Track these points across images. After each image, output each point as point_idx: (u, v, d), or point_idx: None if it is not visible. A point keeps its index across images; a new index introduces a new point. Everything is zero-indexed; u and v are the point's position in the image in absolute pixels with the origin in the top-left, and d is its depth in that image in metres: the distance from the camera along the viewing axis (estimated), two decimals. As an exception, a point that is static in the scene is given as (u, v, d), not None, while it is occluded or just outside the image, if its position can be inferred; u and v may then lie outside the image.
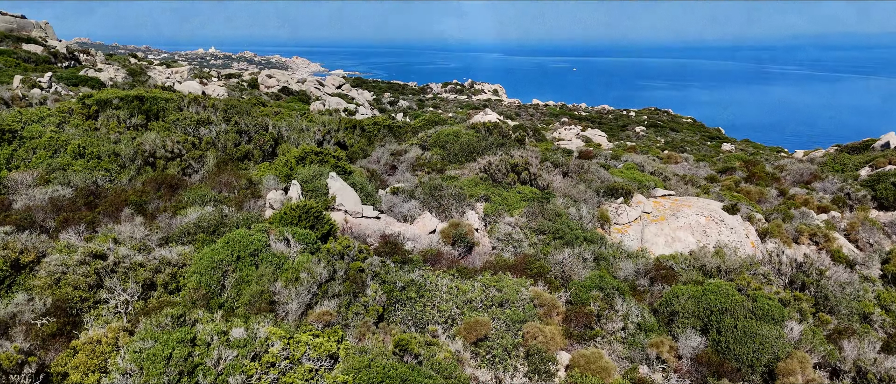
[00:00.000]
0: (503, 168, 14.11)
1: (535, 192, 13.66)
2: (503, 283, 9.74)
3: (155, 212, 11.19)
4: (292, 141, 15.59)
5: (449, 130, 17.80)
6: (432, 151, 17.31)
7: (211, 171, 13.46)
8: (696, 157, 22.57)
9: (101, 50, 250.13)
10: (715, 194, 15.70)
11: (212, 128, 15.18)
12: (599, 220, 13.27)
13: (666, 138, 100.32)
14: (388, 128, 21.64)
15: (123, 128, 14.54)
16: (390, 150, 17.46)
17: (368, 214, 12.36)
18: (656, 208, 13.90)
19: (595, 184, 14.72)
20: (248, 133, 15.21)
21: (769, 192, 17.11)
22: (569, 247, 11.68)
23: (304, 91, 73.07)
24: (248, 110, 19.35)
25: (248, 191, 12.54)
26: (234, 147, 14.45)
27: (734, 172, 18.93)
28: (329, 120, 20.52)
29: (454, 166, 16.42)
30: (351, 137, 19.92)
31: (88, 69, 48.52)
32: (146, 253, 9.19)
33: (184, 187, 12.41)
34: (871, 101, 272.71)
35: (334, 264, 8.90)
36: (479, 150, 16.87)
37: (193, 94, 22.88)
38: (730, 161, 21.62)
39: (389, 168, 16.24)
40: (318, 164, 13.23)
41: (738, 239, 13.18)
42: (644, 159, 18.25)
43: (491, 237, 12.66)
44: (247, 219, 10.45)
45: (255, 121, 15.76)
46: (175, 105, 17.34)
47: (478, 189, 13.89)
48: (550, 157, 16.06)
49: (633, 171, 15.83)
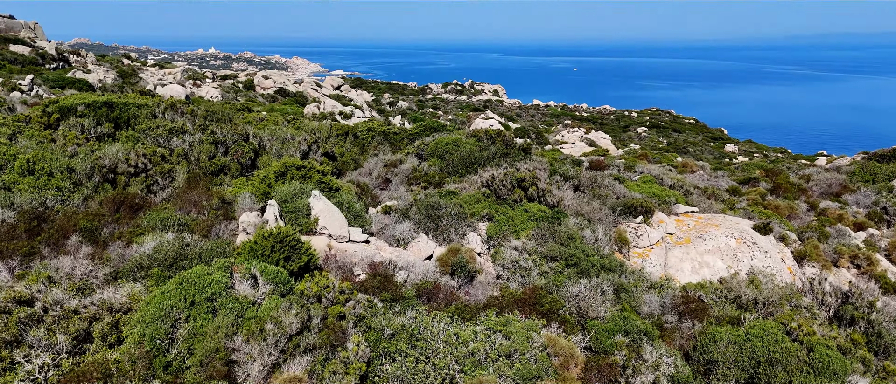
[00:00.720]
0: (508, 183, 12.62)
1: (545, 211, 12.17)
2: (511, 327, 8.26)
3: (108, 239, 9.71)
4: (274, 152, 14.11)
5: (448, 139, 16.32)
6: (430, 162, 15.82)
7: (180, 189, 11.97)
8: (712, 166, 21.09)
9: (101, 50, 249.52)
10: (742, 210, 14.21)
11: (186, 138, 13.69)
12: (617, 243, 11.78)
13: (668, 139, 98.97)
14: (382, 134, 20.16)
15: (84, 138, 13.05)
16: (384, 161, 15.98)
17: (356, 238, 10.88)
18: (680, 228, 12.41)
19: (610, 200, 13.23)
20: (225, 144, 13.72)
21: (799, 206, 15.62)
22: (585, 278, 10.20)
23: (302, 92, 71.62)
24: (229, 117, 17.87)
25: (220, 211, 11.06)
26: (208, 160, 12.96)
27: (757, 183, 17.46)
28: (319, 126, 19.04)
29: (453, 179, 14.94)
30: (342, 146, 18.44)
31: (77, 71, 47.04)
32: (85, 295, 7.70)
33: (147, 208, 10.93)
34: (870, 100, 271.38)
35: (309, 309, 7.42)
36: (481, 160, 15.39)
37: (175, 98, 21.39)
38: (750, 170, 20.15)
39: (382, 181, 14.76)
40: (300, 181, 11.74)
41: (773, 263, 11.69)
42: (660, 169, 16.76)
43: (495, 263, 11.18)
44: (211, 250, 8.96)
45: (233, 130, 14.27)
46: (148, 112, 15.85)
47: (480, 207, 12.40)
48: (560, 169, 14.57)
49: (651, 185, 14.34)
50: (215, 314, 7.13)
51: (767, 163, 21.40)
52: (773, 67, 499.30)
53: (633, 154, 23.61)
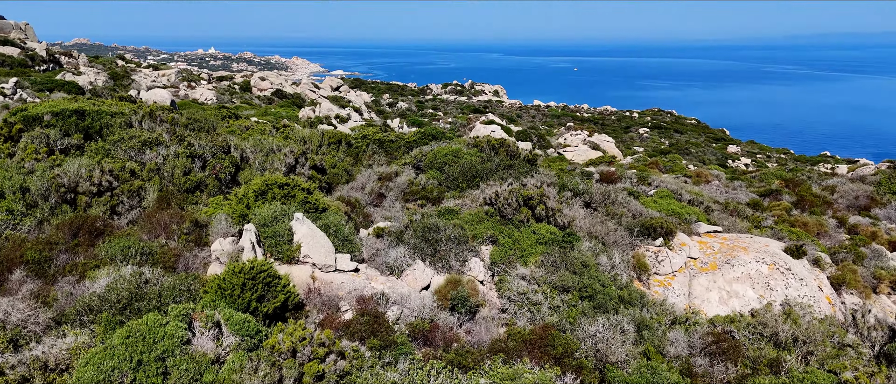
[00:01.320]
0: (514, 202, 11.41)
1: (555, 233, 10.97)
2: (521, 381, 7.06)
3: (59, 272, 8.50)
4: (258, 166, 12.90)
5: (447, 149, 15.12)
6: (428, 174, 14.62)
7: (150, 209, 10.76)
8: (728, 175, 19.89)
9: (100, 51, 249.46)
10: (769, 229, 13.00)
11: (160, 151, 12.48)
12: (635, 269, 10.58)
13: (670, 140, 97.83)
14: (378, 142, 18.96)
15: (46, 152, 11.84)
16: (379, 173, 14.77)
17: (344, 267, 9.67)
18: (704, 251, 11.21)
19: (626, 219, 12.02)
20: (202, 157, 12.51)
21: (827, 222, 14.42)
22: (602, 314, 8.99)
23: (299, 94, 70.42)
24: (213, 125, 16.67)
25: (192, 236, 9.85)
26: (183, 176, 11.75)
27: (779, 196, 16.26)
28: (310, 134, 17.84)
29: (453, 194, 13.73)
30: (334, 155, 17.23)
31: (67, 73, 45.84)
32: (18, 349, 6.51)
33: (109, 233, 9.72)
34: (871, 100, 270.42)
35: (281, 368, 6.23)
36: (483, 173, 14.18)
37: (158, 103, 20.18)
38: (768, 180, 18.96)
39: (376, 197, 13.54)
40: (282, 201, 10.53)
41: (809, 292, 10.48)
42: (675, 182, 15.55)
43: (500, 294, 9.98)
44: (173, 288, 7.75)
45: (213, 141, 13.06)
46: (123, 120, 14.65)
47: (482, 228, 11.20)
48: (569, 184, 13.36)
49: (669, 201, 13.13)
50: (166, 377, 5.93)
51: (784, 171, 20.21)
52: (773, 67, 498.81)
53: (643, 161, 22.42)
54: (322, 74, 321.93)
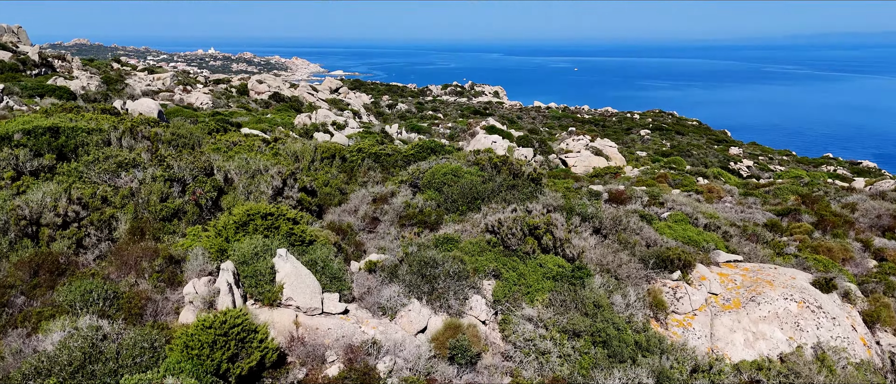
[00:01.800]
0: (518, 231, 10.50)
1: (563, 266, 10.06)
2: (529, 458, 6.15)
3: (10, 322, 7.59)
4: (242, 190, 11.97)
5: (446, 168, 14.20)
6: (426, 195, 13.70)
7: (121, 242, 9.85)
8: (740, 190, 18.95)
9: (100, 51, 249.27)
10: (792, 256, 12.08)
11: (137, 173, 11.56)
12: (652, 307, 9.66)
13: (672, 141, 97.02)
14: (374, 156, 18.04)
15: (10, 178, 10.92)
16: (373, 194, 13.85)
17: (331, 309, 8.76)
18: (726, 286, 10.29)
19: (640, 248, 11.10)
20: (182, 181, 11.59)
21: (852, 245, 13.51)
22: (618, 364, 8.09)
23: (296, 97, 69.57)
24: (199, 140, 15.75)
25: (165, 274, 8.94)
26: (159, 202, 10.83)
27: (798, 216, 15.34)
28: (302, 149, 16.93)
29: (452, 217, 12.82)
30: (327, 171, 16.32)
31: (58, 77, 44.93)
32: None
33: (73, 271, 8.81)
34: (873, 100, 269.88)
35: (250, 455, 5.32)
36: (484, 195, 13.26)
37: (144, 115, 19.28)
38: (783, 195, 18.04)
39: (370, 221, 12.63)
40: (265, 233, 9.61)
41: (842, 333, 9.57)
42: (687, 202, 14.63)
43: (505, 338, 9.07)
44: (134, 345, 6.83)
45: (194, 162, 12.14)
46: (101, 138, 13.74)
47: (484, 259, 10.28)
48: (577, 207, 12.44)
49: (684, 226, 12.22)
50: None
51: (799, 184, 19.30)
52: (773, 67, 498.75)
53: (650, 173, 21.51)
54: (322, 75, 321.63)
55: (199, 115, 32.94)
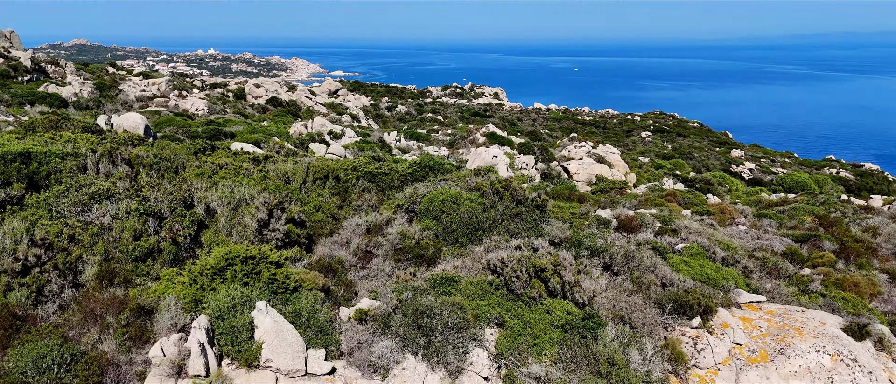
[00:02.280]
0: (523, 273, 9.62)
1: (573, 314, 9.18)
2: None
3: (-50, 396, 6.71)
4: (224, 225, 11.09)
5: (445, 193, 13.31)
6: (423, 224, 12.83)
7: (87, 287, 8.97)
8: (754, 209, 18.08)
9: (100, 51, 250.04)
10: (818, 295, 11.19)
11: (110, 206, 10.68)
12: (671, 361, 8.79)
13: (673, 144, 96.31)
14: (369, 176, 17.17)
15: (-31, 215, 10.04)
16: (367, 223, 12.97)
17: (316, 369, 7.88)
18: (751, 334, 9.41)
19: (655, 289, 10.23)
20: (159, 215, 10.71)
21: (878, 277, 12.63)
22: (637, 437, 7.21)
23: (294, 101, 68.73)
24: (183, 162, 14.87)
25: (132, 329, 8.06)
26: (132, 240, 9.95)
27: (819, 243, 14.46)
28: (293, 170, 16.05)
29: (451, 250, 11.94)
30: (319, 193, 15.45)
31: (49, 84, 44.05)
32: None
33: (29, 329, 7.93)
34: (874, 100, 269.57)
35: None
36: (486, 224, 12.39)
37: (128, 132, 18.40)
38: (799, 215, 17.17)
39: (363, 256, 11.75)
40: (244, 279, 8.73)
41: (880, 389, 8.69)
42: (701, 229, 13.75)
43: (508, 400, 8.18)
44: (85, 433, 5.95)
45: (173, 193, 11.25)
46: (76, 163, 12.86)
47: (487, 305, 9.41)
48: (586, 240, 11.56)
49: (701, 261, 11.34)
50: None
51: (815, 203, 18.45)
52: (773, 67, 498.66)
53: (659, 191, 20.65)
54: (322, 75, 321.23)
55: (191, 125, 32.07)
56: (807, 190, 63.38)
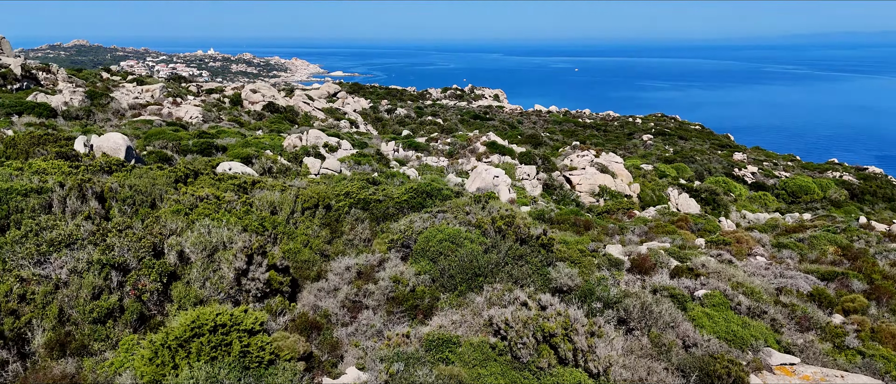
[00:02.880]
0: (530, 339, 8.54)
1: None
2: None
3: None
4: (197, 275, 10.00)
5: (442, 232, 12.23)
6: (418, 266, 11.75)
7: (35, 363, 7.89)
8: (772, 238, 17.01)
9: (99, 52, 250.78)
10: (855, 352, 10.11)
11: (69, 257, 9.60)
12: (698, 445, 7.70)
13: (675, 147, 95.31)
14: (362, 204, 16.10)
15: None
16: (357, 267, 11.89)
17: (293, 466, 6.80)
18: (786, 409, 8.33)
19: (677, 352, 9.15)
20: (124, 267, 9.63)
21: (916, 325, 11.54)
22: None
23: (291, 107, 67.71)
24: (161, 194, 13.78)
25: (81, 417, 6.98)
26: (90, 299, 8.87)
27: (847, 281, 13.38)
28: (281, 200, 14.97)
29: (450, 298, 10.87)
30: (308, 226, 14.37)
31: (39, 93, 42.96)
32: None
33: (-40, 417, 6.86)
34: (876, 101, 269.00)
35: None
36: (487, 269, 11.31)
37: (108, 157, 17.33)
38: (820, 245, 16.10)
39: (351, 307, 10.66)
40: (212, 353, 7.65)
41: None
42: (719, 267, 12.67)
43: None
44: None
45: (145, 236, 10.18)
46: (40, 201, 11.78)
47: (489, 375, 8.33)
48: (597, 289, 10.49)
49: (724, 314, 10.25)
50: None
51: (835, 230, 17.39)
52: (773, 67, 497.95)
53: (670, 216, 19.57)
54: (321, 76, 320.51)
55: (183, 137, 30.98)
56: (810, 194, 62.32)
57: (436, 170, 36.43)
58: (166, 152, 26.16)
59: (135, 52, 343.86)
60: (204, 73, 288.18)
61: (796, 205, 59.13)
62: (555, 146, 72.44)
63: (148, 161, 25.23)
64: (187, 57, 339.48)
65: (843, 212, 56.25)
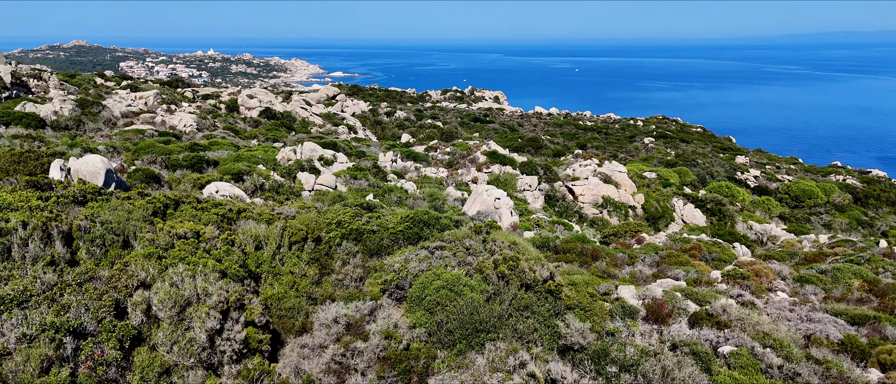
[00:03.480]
0: (539, 423, 7.47)
1: None
2: None
3: None
4: (164, 338, 8.93)
5: (440, 278, 11.16)
6: (413, 316, 10.69)
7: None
8: (793, 271, 15.95)
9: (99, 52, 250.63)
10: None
11: (19, 319, 8.53)
12: None
13: (676, 150, 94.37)
14: (355, 235, 15.03)
15: None
16: (346, 318, 10.81)
17: None
18: None
19: (703, 431, 8.08)
20: (80, 332, 8.56)
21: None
22: None
23: (289, 112, 66.66)
24: (135, 231, 12.70)
25: None
26: (38, 375, 7.80)
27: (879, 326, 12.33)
28: (267, 234, 13.89)
29: (448, 357, 9.81)
30: (295, 263, 13.29)
31: (28, 102, 41.90)
32: None
33: None
34: (878, 101, 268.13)
35: None
36: (489, 322, 10.24)
37: (85, 184, 16.26)
38: (844, 278, 15.06)
39: (337, 371, 9.59)
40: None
41: None
42: (742, 313, 11.60)
43: None
44: None
45: (104, 294, 9.11)
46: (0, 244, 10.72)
47: (491, 464, 7.25)
48: (613, 351, 9.42)
49: (754, 377, 9.19)
50: None
51: (858, 259, 16.33)
52: (773, 67, 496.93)
53: (681, 242, 18.52)
54: (321, 76, 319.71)
55: (173, 150, 29.90)
56: (814, 198, 61.15)
57: (435, 182, 35.37)
58: (153, 170, 25.09)
59: (134, 53, 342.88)
60: (203, 73, 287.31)
61: (800, 210, 58.15)
62: (556, 150, 71.40)
63: (133, 178, 24.15)
64: (187, 57, 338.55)
65: (847, 217, 55.13)
